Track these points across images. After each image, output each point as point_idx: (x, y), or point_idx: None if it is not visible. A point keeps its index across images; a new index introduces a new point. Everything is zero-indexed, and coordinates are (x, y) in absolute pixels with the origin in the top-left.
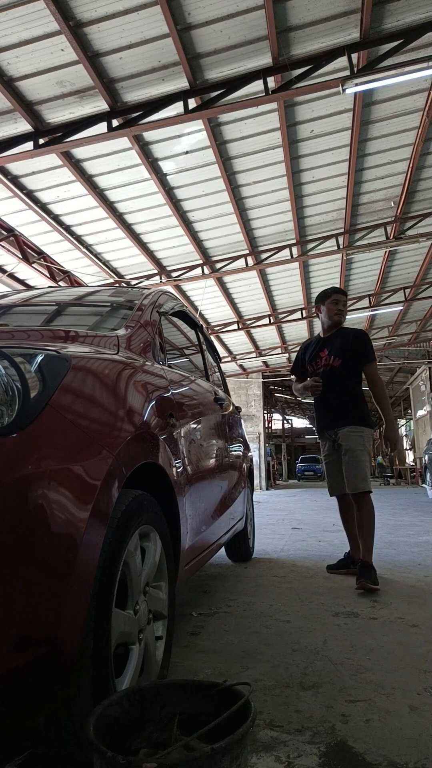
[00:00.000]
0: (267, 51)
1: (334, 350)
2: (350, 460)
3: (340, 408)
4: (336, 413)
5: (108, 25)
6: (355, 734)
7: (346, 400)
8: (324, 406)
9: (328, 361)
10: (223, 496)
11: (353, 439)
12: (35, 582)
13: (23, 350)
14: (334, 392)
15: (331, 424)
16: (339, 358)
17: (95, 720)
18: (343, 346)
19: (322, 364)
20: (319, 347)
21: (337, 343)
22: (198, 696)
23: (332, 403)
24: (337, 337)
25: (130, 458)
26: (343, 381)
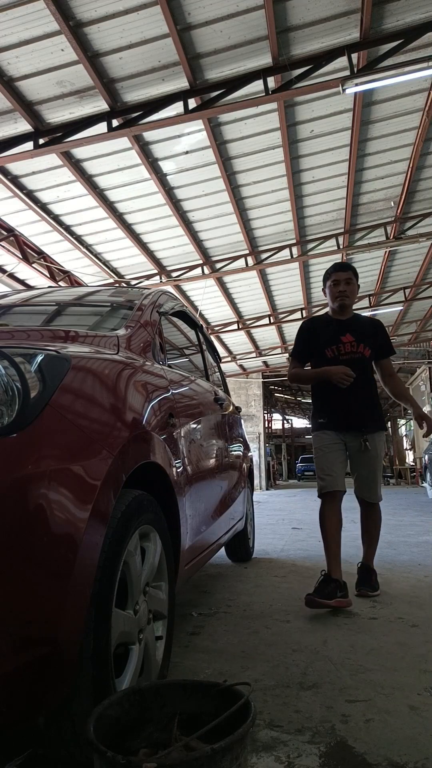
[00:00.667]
0: (267, 51)
1: (362, 337)
2: (377, 467)
3: (369, 406)
4: (364, 412)
5: (108, 25)
6: (355, 734)
7: (373, 397)
8: (347, 401)
9: (356, 348)
10: (223, 496)
11: (382, 444)
12: (35, 582)
13: (23, 350)
14: (361, 387)
15: (358, 425)
16: (367, 346)
17: (95, 720)
18: (368, 334)
19: (347, 350)
20: (340, 330)
21: (361, 329)
22: (198, 696)
23: (359, 400)
24: (356, 322)
25: (130, 458)
26: (370, 374)
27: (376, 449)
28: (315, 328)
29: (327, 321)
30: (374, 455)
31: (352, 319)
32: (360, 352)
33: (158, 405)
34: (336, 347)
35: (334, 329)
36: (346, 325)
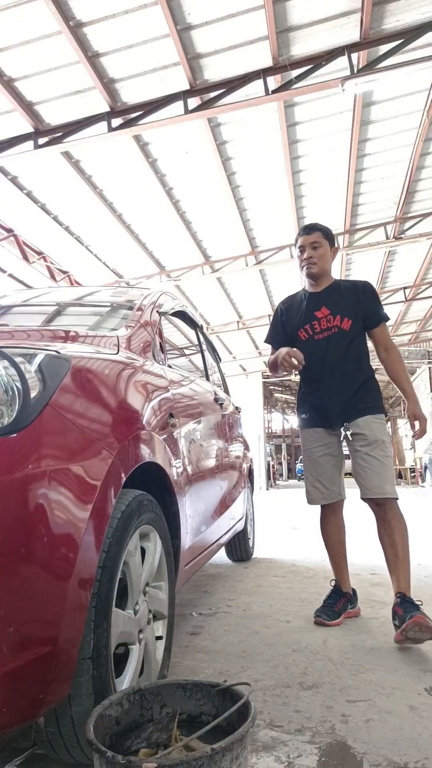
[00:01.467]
0: (267, 51)
1: (338, 307)
2: (378, 455)
3: (355, 389)
4: (349, 397)
5: (108, 24)
6: (355, 734)
7: (361, 377)
8: (327, 387)
9: (332, 321)
10: (223, 496)
11: (379, 429)
12: (35, 582)
13: (23, 350)
14: (343, 367)
15: (342, 414)
16: (348, 318)
17: (95, 720)
18: (347, 301)
19: (323, 327)
20: (312, 304)
21: (338, 298)
22: (198, 696)
23: (342, 383)
24: (334, 290)
25: (130, 458)
26: (355, 350)
27: (373, 434)
28: (289, 308)
29: (302, 297)
30: (372, 439)
31: (329, 289)
32: (336, 325)
33: (158, 405)
34: (310, 326)
35: (308, 305)
36: (322, 297)
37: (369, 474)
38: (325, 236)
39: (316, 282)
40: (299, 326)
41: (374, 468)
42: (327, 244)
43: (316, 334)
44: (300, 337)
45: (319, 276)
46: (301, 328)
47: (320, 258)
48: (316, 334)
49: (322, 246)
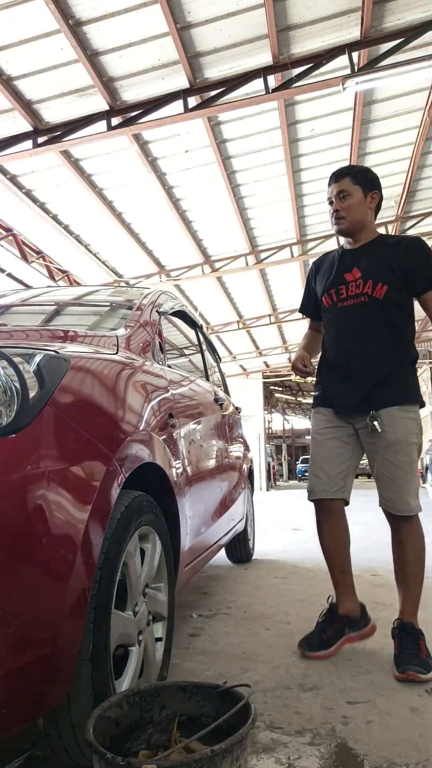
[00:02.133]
0: (267, 49)
1: (372, 269)
2: (400, 461)
3: (378, 371)
4: (370, 380)
5: (108, 23)
6: (356, 736)
7: (394, 360)
8: (349, 368)
9: (361, 287)
10: (223, 497)
11: (406, 426)
12: (34, 583)
13: (22, 350)
14: (373, 344)
15: (364, 401)
16: (383, 283)
17: (94, 721)
18: (386, 262)
19: (350, 293)
20: (344, 264)
21: (374, 258)
22: (198, 698)
23: (368, 364)
24: (372, 248)
25: (129, 459)
26: (387, 323)
27: (396, 433)
28: (320, 268)
29: (335, 255)
30: (392, 441)
31: (367, 246)
32: (366, 293)
33: (158, 405)
34: (336, 290)
35: (339, 264)
36: (355, 256)
37: (388, 484)
38: (356, 181)
39: (352, 238)
40: (325, 290)
41: (394, 478)
42: (360, 191)
43: (341, 301)
44: (324, 304)
45: (352, 231)
46: (326, 293)
47: (349, 210)
48: (341, 300)
49: (352, 195)
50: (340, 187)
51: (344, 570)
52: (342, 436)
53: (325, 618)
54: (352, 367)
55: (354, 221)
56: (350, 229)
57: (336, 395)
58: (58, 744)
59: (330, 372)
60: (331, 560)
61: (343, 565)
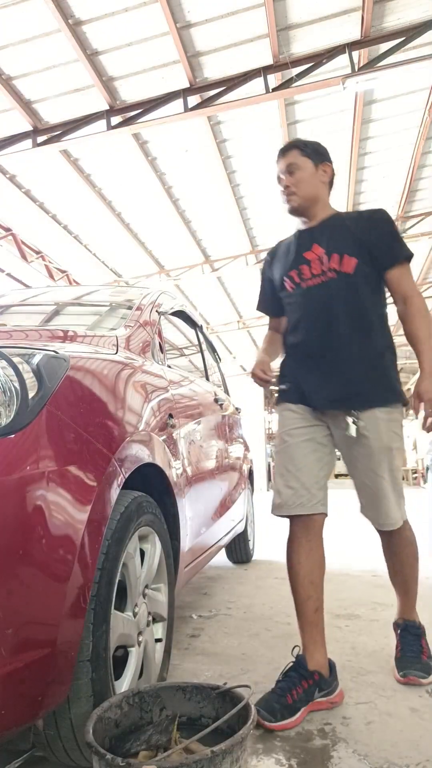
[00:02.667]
0: (267, 49)
1: (337, 243)
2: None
3: (363, 364)
4: (359, 370)
5: (107, 23)
6: (357, 736)
7: (373, 346)
8: (319, 359)
9: (327, 263)
10: (223, 497)
11: (390, 431)
12: (33, 584)
13: (21, 350)
14: (345, 329)
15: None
16: (350, 255)
17: (94, 722)
18: (351, 235)
19: (314, 271)
20: (303, 245)
21: (337, 232)
22: (198, 698)
23: (342, 353)
24: (333, 223)
25: (129, 459)
26: (363, 302)
27: (380, 440)
28: (275, 255)
29: (291, 239)
30: (375, 450)
31: (325, 222)
32: (333, 268)
33: (157, 405)
34: (297, 271)
35: (298, 245)
36: (314, 234)
37: (370, 497)
38: (305, 153)
39: (306, 217)
40: (285, 273)
41: (377, 491)
42: (309, 163)
43: (305, 281)
44: (286, 289)
45: (305, 208)
46: (287, 276)
47: (299, 184)
48: (304, 281)
49: (302, 168)
50: (288, 160)
51: (319, 607)
52: (317, 437)
53: (290, 675)
54: (330, 354)
55: (306, 196)
56: (303, 205)
57: (314, 389)
58: (58, 745)
59: (302, 362)
60: (305, 592)
61: (318, 600)
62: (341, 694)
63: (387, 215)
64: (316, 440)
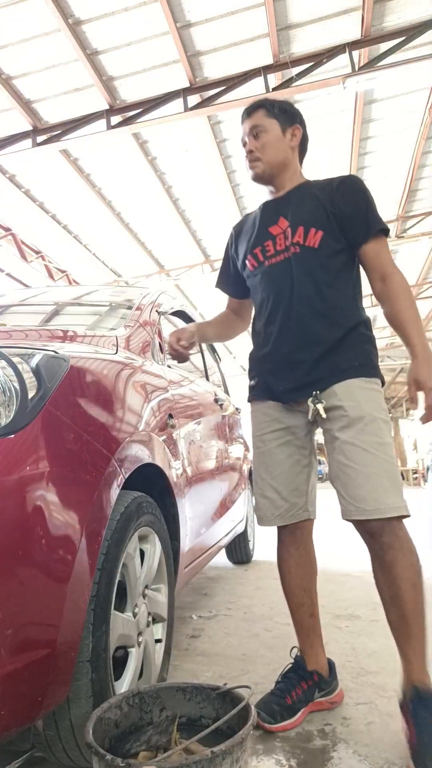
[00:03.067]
0: (267, 48)
1: (299, 214)
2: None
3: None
4: (320, 353)
5: (107, 22)
6: (357, 737)
7: (342, 322)
8: (284, 339)
9: (290, 238)
10: (223, 497)
11: (371, 399)
12: (33, 584)
13: (21, 350)
14: (311, 305)
15: (307, 378)
16: (316, 228)
17: (94, 723)
18: (318, 205)
19: (278, 247)
20: (268, 218)
21: (304, 203)
22: (198, 699)
23: (308, 332)
24: (300, 193)
25: (128, 460)
26: (328, 277)
27: (360, 407)
28: (240, 231)
29: (256, 212)
30: (354, 418)
31: (294, 192)
32: (297, 242)
33: (157, 406)
34: (261, 248)
35: (262, 219)
36: (280, 205)
37: (349, 476)
38: (271, 114)
39: (273, 186)
40: (248, 251)
41: (359, 465)
42: (276, 125)
43: (269, 259)
44: (248, 268)
45: (271, 176)
46: (250, 254)
47: (265, 148)
48: (268, 258)
49: (268, 130)
50: (253, 122)
51: (314, 612)
52: (293, 438)
53: (289, 676)
54: (290, 335)
55: (272, 162)
56: (268, 172)
57: (276, 378)
58: (58, 745)
59: (263, 348)
60: (298, 600)
61: (312, 605)
62: (341, 694)
63: (360, 183)
64: (291, 443)
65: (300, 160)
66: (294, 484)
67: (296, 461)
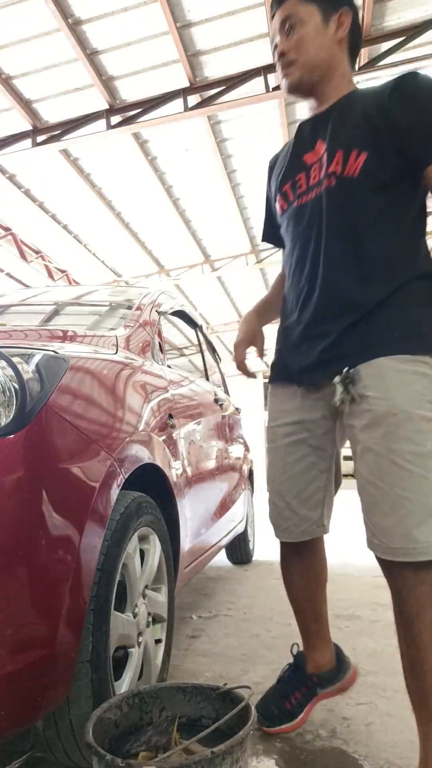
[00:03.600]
0: (268, 48)
1: (339, 134)
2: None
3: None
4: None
5: (107, 22)
6: (357, 737)
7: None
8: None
9: (325, 167)
10: (223, 497)
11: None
12: (33, 584)
13: (21, 350)
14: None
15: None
16: (359, 150)
17: (94, 723)
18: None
19: (312, 181)
20: (303, 142)
21: (347, 116)
22: (198, 699)
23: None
24: (344, 106)
25: (128, 460)
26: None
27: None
28: (276, 162)
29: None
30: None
31: (338, 105)
32: (333, 173)
33: (157, 406)
34: (292, 183)
35: (297, 144)
36: (318, 124)
37: (374, 498)
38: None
39: (315, 97)
40: (278, 189)
41: (387, 483)
42: (316, 13)
43: (299, 197)
44: (278, 211)
45: (311, 83)
46: (280, 193)
47: (300, 46)
48: (299, 196)
49: (305, 22)
50: (285, 12)
51: (318, 618)
52: (308, 437)
53: (288, 677)
54: (315, 301)
55: (312, 63)
56: (308, 78)
57: (292, 354)
58: (58, 745)
59: (288, 318)
60: (300, 608)
61: (316, 612)
62: (353, 678)
63: (425, 80)
64: (305, 442)
65: (351, 60)
66: (306, 493)
67: (310, 464)
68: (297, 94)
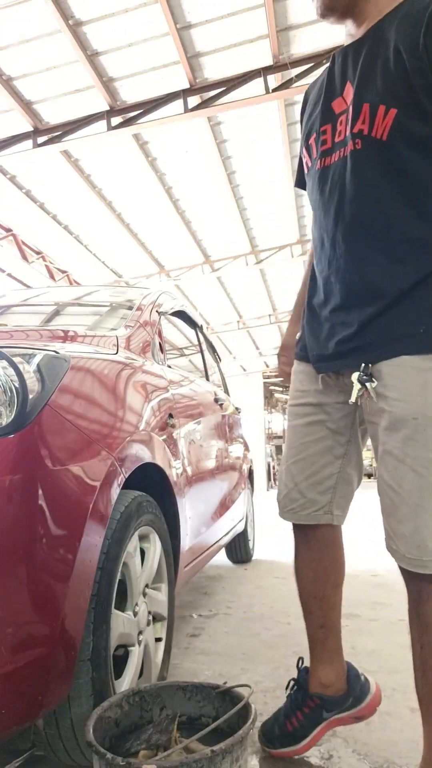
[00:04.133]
0: (267, 49)
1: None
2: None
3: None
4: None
5: (108, 23)
6: (356, 736)
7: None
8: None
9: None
10: (223, 497)
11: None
12: (34, 583)
13: (22, 350)
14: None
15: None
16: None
17: (94, 722)
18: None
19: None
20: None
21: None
22: (198, 698)
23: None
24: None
25: (129, 459)
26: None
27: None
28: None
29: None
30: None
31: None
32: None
33: (158, 405)
34: (317, 136)
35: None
36: (348, 60)
37: (393, 502)
38: None
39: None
40: (304, 141)
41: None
42: None
43: (323, 156)
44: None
45: (347, 5)
46: (304, 145)
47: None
48: (323, 155)
49: None
50: None
51: (325, 624)
52: (326, 420)
53: (293, 695)
54: (335, 283)
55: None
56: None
57: (312, 338)
58: (58, 744)
59: (313, 298)
60: (306, 607)
61: (324, 616)
62: (372, 706)
63: None
64: (323, 424)
65: None
66: (317, 476)
67: (327, 448)
68: (332, 15)
